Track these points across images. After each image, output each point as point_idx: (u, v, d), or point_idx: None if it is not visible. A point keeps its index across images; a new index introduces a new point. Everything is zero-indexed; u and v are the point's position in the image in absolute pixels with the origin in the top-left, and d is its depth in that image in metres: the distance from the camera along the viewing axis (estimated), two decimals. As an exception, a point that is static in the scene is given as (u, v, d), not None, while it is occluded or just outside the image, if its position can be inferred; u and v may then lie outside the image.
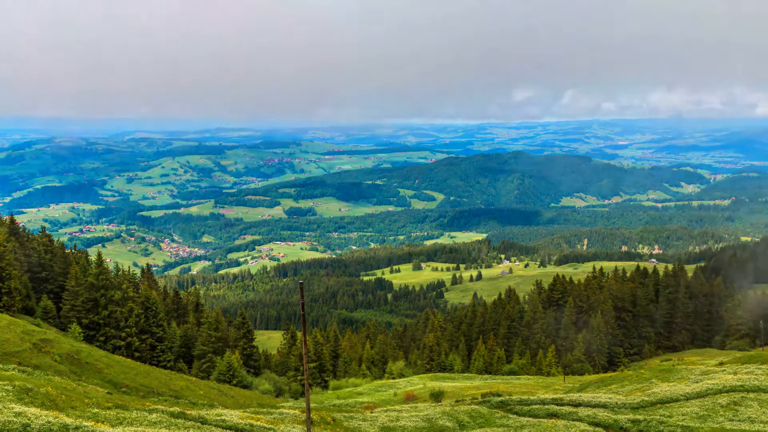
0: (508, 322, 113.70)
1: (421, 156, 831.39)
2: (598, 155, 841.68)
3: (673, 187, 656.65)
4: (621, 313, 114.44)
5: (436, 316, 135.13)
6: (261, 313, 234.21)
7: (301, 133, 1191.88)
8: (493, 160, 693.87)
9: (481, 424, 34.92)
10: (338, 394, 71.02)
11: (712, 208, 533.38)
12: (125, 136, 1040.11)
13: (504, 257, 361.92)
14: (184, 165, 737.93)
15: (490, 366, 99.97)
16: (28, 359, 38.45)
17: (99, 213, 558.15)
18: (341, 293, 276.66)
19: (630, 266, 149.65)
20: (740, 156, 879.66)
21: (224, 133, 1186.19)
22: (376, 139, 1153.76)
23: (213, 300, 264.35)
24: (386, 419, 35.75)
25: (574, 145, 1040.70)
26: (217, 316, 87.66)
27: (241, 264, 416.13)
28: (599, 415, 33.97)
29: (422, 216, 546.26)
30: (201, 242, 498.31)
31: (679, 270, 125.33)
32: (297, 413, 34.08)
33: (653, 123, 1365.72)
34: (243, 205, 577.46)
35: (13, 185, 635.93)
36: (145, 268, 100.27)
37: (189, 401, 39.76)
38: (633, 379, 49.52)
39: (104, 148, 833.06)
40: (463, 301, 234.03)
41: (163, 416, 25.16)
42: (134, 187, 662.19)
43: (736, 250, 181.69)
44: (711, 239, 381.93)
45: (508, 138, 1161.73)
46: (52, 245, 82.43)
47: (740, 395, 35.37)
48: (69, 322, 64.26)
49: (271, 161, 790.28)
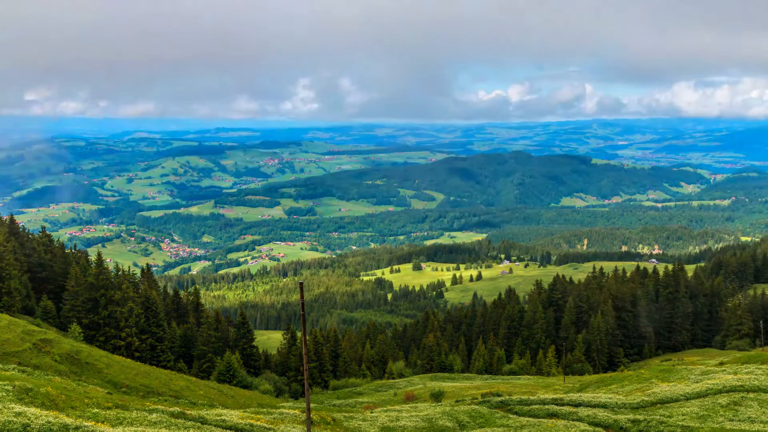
0: (508, 322, 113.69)
1: (421, 156, 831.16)
2: (598, 155, 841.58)
3: (673, 187, 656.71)
4: (621, 313, 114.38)
5: (436, 316, 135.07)
6: (261, 313, 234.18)
7: (301, 133, 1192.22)
8: (493, 160, 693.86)
9: (481, 424, 34.91)
10: (338, 394, 71.06)
11: (712, 208, 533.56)
12: (125, 136, 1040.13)
13: (504, 257, 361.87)
14: (184, 165, 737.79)
15: (490, 366, 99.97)
16: (28, 359, 38.45)
17: (99, 213, 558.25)
18: (341, 293, 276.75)
19: (630, 266, 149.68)
20: (740, 156, 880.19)
21: (224, 133, 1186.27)
22: (376, 139, 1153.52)
23: (213, 300, 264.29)
24: (386, 419, 35.74)
25: (574, 145, 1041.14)
26: (217, 316, 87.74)
27: (241, 264, 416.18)
28: (599, 415, 33.97)
29: (422, 216, 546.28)
30: (201, 242, 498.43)
31: (679, 270, 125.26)
32: (297, 413, 34.08)
33: (653, 123, 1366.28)
34: (243, 205, 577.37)
35: (13, 185, 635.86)
36: (145, 268, 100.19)
37: (189, 401, 39.78)
38: (633, 379, 49.52)
39: (104, 148, 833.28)
40: (463, 301, 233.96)
41: (163, 416, 25.16)
42: (134, 187, 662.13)
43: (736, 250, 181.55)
44: (711, 239, 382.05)
45: (508, 138, 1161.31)
46: (52, 245, 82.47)
47: (740, 395, 35.37)
48: (69, 322, 64.23)
49: (271, 161, 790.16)
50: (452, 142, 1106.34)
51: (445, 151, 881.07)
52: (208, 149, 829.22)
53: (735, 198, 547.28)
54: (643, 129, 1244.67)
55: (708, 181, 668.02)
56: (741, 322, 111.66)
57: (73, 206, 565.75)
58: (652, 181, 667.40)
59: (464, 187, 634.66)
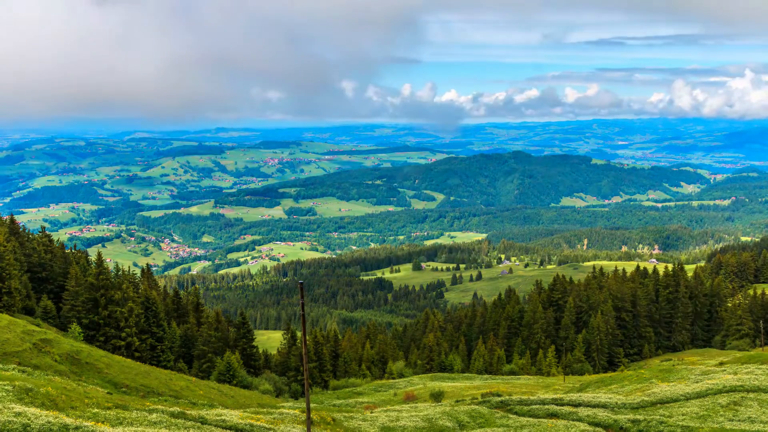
0: (508, 322, 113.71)
1: (421, 156, 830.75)
2: (598, 155, 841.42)
3: (673, 187, 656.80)
4: (621, 313, 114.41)
5: (436, 316, 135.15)
6: (261, 313, 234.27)
7: (301, 133, 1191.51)
8: (493, 160, 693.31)
9: (481, 424, 34.93)
10: (338, 394, 71.10)
11: (712, 208, 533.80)
12: (125, 136, 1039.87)
13: (504, 257, 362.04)
14: (184, 165, 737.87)
15: (490, 366, 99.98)
16: (28, 359, 38.46)
17: (99, 213, 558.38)
18: (341, 293, 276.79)
19: (630, 266, 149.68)
20: (740, 156, 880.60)
21: (224, 133, 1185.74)
22: (376, 139, 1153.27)
23: (213, 300, 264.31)
24: (386, 419, 35.76)
25: (574, 144, 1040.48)
26: (217, 316, 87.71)
27: (241, 264, 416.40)
28: (599, 415, 33.99)
29: (422, 216, 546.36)
30: (201, 242, 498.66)
31: (679, 270, 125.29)
32: (297, 413, 34.09)
33: (653, 123, 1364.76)
34: (243, 205, 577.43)
35: (13, 185, 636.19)
36: (145, 268, 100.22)
37: (189, 401, 39.79)
38: (633, 379, 49.55)
39: (104, 148, 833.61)
40: (463, 301, 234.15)
41: (163, 416, 25.17)
42: (134, 187, 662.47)
43: (736, 250, 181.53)
44: (711, 239, 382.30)
45: (508, 138, 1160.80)
46: (52, 245, 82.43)
47: (740, 395, 35.40)
48: (69, 322, 64.21)
49: (271, 161, 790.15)
50: (452, 142, 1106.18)
51: (445, 151, 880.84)
52: (208, 149, 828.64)
53: (735, 198, 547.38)
54: (643, 129, 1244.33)
55: (708, 181, 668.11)
56: (741, 322, 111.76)
57: (73, 206, 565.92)
58: (652, 181, 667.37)
59: (464, 187, 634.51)
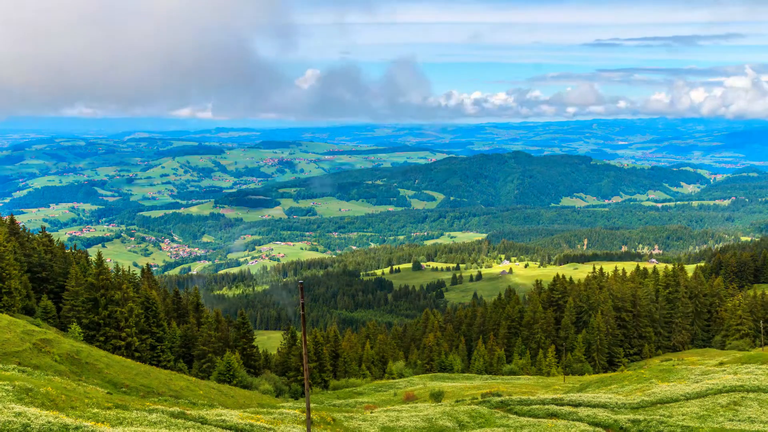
0: (508, 322, 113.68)
1: (421, 156, 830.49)
2: (598, 155, 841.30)
3: (673, 187, 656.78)
4: (621, 313, 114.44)
5: (436, 316, 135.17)
6: (261, 313, 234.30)
7: (300, 133, 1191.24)
8: (493, 160, 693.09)
9: (481, 424, 34.92)
10: (338, 394, 71.14)
11: (712, 208, 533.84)
12: (125, 136, 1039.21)
13: (504, 257, 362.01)
14: (184, 165, 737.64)
15: (490, 366, 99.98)
16: (28, 359, 38.45)
17: (99, 213, 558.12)
18: (341, 293, 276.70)
19: (630, 266, 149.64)
20: (740, 156, 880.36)
21: (224, 133, 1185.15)
22: (376, 139, 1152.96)
23: (213, 300, 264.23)
24: (386, 419, 35.75)
25: (574, 144, 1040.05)
26: (217, 316, 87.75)
27: (241, 264, 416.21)
28: (599, 415, 33.99)
29: (422, 216, 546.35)
30: (201, 242, 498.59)
31: (679, 270, 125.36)
32: (297, 413, 34.10)
33: (653, 123, 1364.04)
34: (243, 205, 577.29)
35: (13, 185, 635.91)
36: (145, 268, 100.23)
37: (189, 401, 39.77)
38: (633, 379, 49.56)
39: (104, 148, 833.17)
40: (463, 301, 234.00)
41: (163, 416, 25.17)
42: (134, 187, 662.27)
43: (736, 250, 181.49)
44: (711, 239, 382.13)
45: (508, 138, 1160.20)
46: (52, 245, 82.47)
47: (740, 395, 35.40)
48: (69, 322, 64.24)
49: (271, 161, 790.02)
50: (452, 142, 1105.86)
51: (445, 151, 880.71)
52: (208, 149, 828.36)
53: (735, 198, 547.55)
54: (643, 129, 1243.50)
55: (708, 181, 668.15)
56: (741, 322, 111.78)
57: (73, 206, 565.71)
58: (652, 181, 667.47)
59: (464, 187, 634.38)
